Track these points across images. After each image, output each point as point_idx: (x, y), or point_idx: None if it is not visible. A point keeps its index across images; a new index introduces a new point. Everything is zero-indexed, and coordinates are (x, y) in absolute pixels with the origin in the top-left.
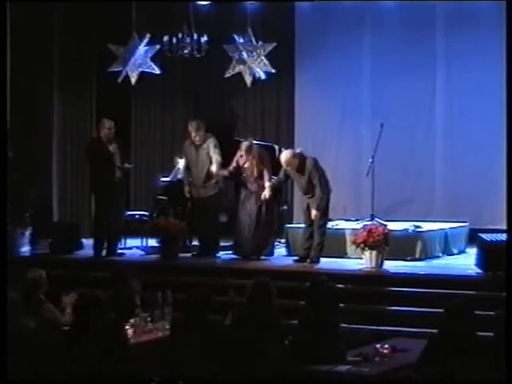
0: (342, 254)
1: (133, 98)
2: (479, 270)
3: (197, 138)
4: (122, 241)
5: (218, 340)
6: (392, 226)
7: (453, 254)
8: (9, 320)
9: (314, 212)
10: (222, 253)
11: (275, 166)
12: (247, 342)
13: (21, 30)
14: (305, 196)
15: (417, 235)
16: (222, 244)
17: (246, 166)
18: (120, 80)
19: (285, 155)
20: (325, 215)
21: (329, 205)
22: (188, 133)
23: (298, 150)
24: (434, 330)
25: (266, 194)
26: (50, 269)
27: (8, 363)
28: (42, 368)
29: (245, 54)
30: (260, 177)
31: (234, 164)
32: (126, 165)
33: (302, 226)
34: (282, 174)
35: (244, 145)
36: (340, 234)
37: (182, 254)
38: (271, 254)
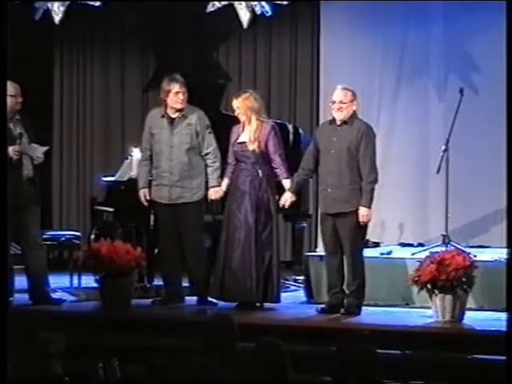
0: (398, 301)
1: (57, 45)
2: None
3: (181, 98)
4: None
5: None
6: (479, 254)
7: None
8: None
9: (362, 211)
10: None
11: (288, 158)
12: None
13: None
14: (332, 186)
15: None
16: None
17: (240, 140)
18: (37, 17)
19: (338, 88)
20: (363, 233)
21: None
22: (163, 94)
23: None
24: None
25: (287, 199)
26: None
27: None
28: None
29: None
30: (262, 161)
31: (231, 155)
32: (37, 153)
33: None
34: (311, 145)
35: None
36: (394, 268)
37: (136, 301)
38: (277, 299)
